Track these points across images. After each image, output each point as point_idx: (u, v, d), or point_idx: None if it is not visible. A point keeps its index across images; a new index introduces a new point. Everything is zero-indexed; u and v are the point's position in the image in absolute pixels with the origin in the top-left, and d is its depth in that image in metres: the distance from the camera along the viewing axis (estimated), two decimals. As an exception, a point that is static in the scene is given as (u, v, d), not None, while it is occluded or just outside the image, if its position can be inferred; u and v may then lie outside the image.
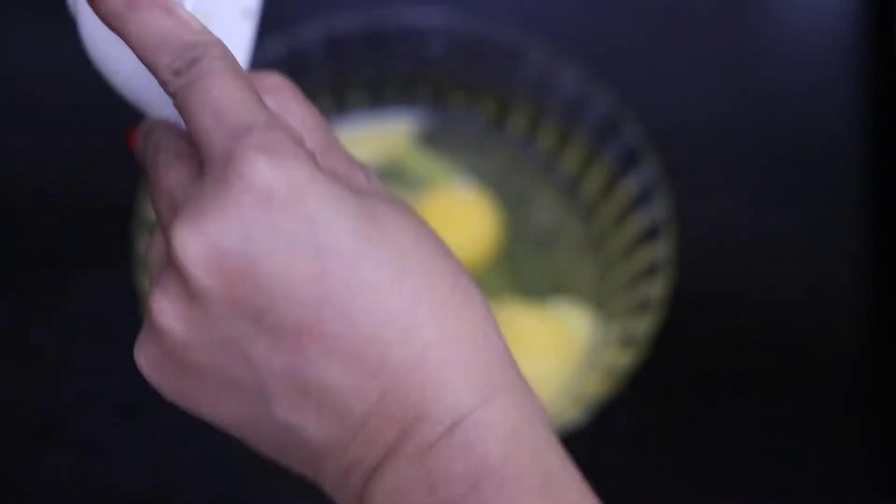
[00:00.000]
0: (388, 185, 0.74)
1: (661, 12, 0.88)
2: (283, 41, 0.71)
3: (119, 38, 0.38)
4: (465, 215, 0.73)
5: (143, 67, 0.38)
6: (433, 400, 0.36)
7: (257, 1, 0.42)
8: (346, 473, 0.38)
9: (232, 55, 0.37)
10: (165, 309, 0.36)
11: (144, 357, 0.37)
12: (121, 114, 0.82)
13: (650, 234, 0.67)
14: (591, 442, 0.72)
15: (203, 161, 0.36)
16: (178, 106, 0.37)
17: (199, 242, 0.35)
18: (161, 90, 0.38)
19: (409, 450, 0.36)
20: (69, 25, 0.85)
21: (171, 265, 0.36)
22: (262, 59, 0.71)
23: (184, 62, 0.37)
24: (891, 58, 0.84)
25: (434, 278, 0.37)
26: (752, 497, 0.71)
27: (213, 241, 0.35)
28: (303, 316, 0.35)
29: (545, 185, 0.74)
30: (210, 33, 0.37)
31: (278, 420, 0.37)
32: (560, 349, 0.69)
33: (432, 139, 0.76)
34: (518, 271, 0.73)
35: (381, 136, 0.75)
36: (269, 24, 0.84)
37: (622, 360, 0.64)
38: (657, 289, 0.65)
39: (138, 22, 0.37)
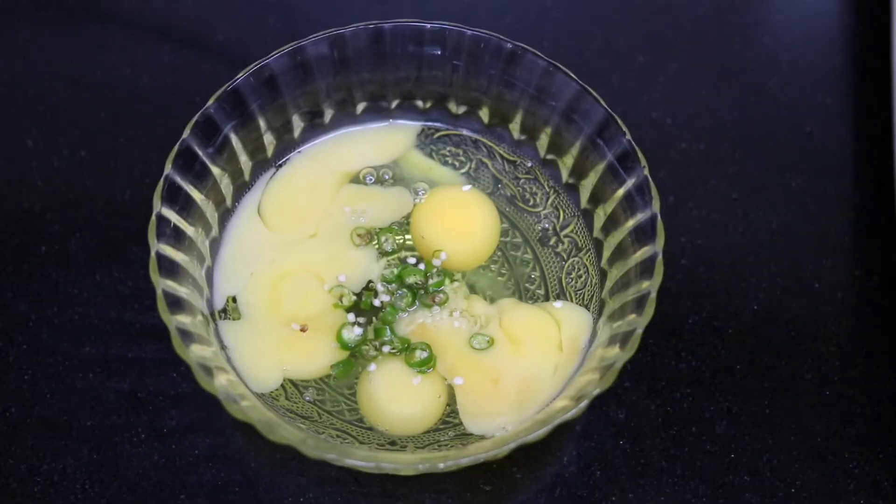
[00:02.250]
0: (391, 185, 0.75)
1: (659, 15, 0.88)
2: (288, 47, 0.71)
3: None
4: (465, 216, 0.73)
5: None
6: None
7: None
8: None
9: None
10: None
11: None
12: (134, 116, 0.83)
13: (646, 234, 0.67)
14: (584, 435, 0.73)
15: None
16: None
17: None
18: None
19: None
20: (79, 30, 0.86)
21: None
22: (268, 66, 0.71)
23: None
24: (886, 62, 0.84)
25: None
26: (744, 489, 0.72)
27: None
28: None
29: (544, 186, 0.75)
30: None
31: None
32: (559, 348, 0.69)
33: (433, 140, 0.76)
34: (517, 271, 0.73)
35: (383, 137, 0.75)
36: (276, 32, 0.86)
37: (620, 356, 0.64)
38: (652, 286, 0.65)
39: None
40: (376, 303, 0.71)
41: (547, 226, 0.74)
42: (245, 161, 0.73)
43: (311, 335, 0.69)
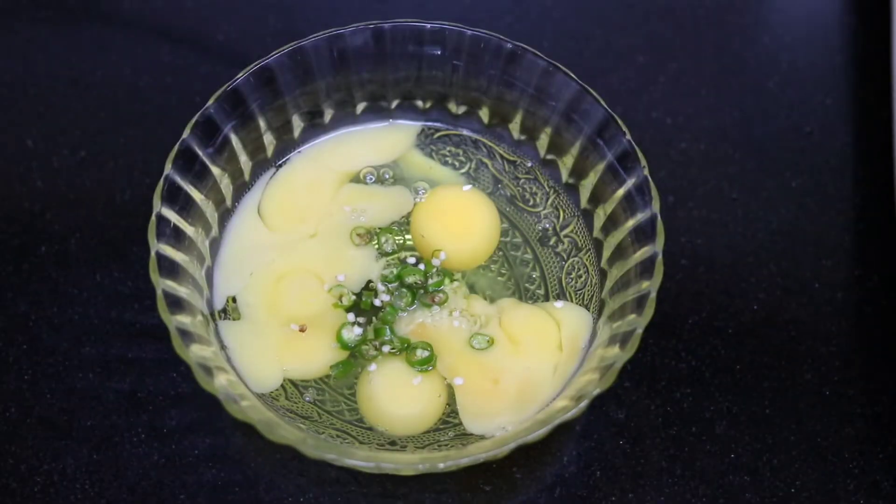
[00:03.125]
0: (391, 185, 0.75)
1: (659, 15, 0.88)
2: (288, 47, 0.71)
3: None
4: (465, 216, 0.73)
5: None
6: None
7: None
8: None
9: None
10: None
11: None
12: (134, 116, 0.83)
13: (646, 234, 0.67)
14: (584, 435, 0.73)
15: None
16: None
17: None
18: None
19: None
20: (79, 30, 0.86)
21: None
22: (268, 66, 0.71)
23: None
24: (886, 62, 0.84)
25: None
26: (744, 489, 0.72)
27: None
28: None
29: (544, 186, 0.75)
30: None
31: None
32: (559, 348, 0.69)
33: (433, 140, 0.76)
34: (517, 271, 0.73)
35: (383, 137, 0.75)
36: (276, 32, 0.86)
37: (619, 356, 0.64)
38: (652, 286, 0.65)
39: None
40: (376, 303, 0.71)
41: (547, 226, 0.74)
42: (245, 161, 0.73)
43: (311, 335, 0.69)
